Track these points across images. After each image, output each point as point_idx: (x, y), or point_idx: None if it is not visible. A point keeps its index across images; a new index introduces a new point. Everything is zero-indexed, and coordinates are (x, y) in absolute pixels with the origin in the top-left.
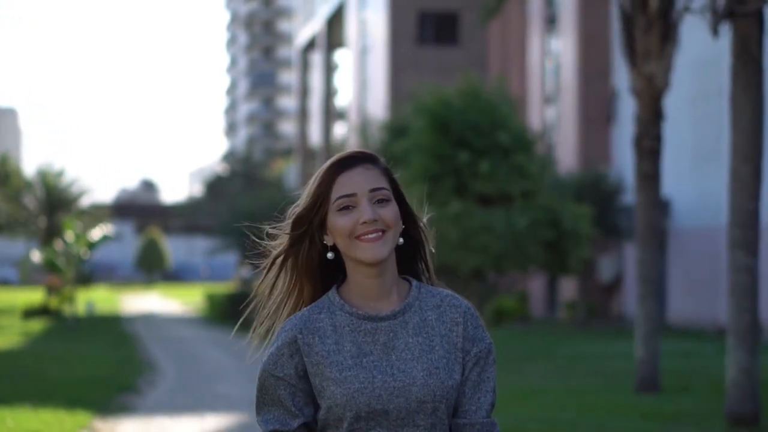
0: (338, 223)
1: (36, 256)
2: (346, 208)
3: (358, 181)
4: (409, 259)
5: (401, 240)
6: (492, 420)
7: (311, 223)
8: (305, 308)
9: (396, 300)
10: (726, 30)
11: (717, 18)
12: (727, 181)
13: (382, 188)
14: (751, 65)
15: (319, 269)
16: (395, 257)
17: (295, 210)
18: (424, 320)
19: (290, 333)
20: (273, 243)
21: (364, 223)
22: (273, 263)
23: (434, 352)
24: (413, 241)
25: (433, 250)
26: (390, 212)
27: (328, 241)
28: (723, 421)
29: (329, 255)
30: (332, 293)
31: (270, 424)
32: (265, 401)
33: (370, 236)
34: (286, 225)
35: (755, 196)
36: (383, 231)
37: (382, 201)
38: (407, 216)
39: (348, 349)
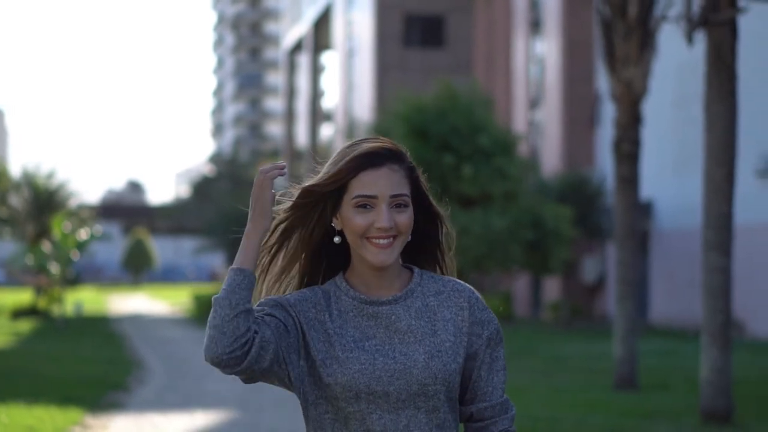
0: (354, 220)
1: (30, 259)
2: (363, 207)
3: (381, 184)
4: (418, 251)
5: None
6: (506, 398)
7: (322, 201)
8: (316, 287)
9: (398, 287)
10: (702, 38)
11: (692, 26)
12: (700, 184)
13: (403, 194)
14: (724, 72)
15: (324, 250)
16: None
17: (308, 182)
18: (426, 305)
19: (307, 296)
20: (280, 207)
21: (380, 228)
22: (276, 228)
23: (436, 335)
24: (427, 236)
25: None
26: (406, 219)
27: (336, 225)
28: (697, 418)
29: (336, 239)
30: (339, 278)
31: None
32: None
33: (381, 241)
34: (295, 191)
35: (728, 200)
36: (394, 237)
37: (399, 206)
38: (429, 215)
39: (351, 333)
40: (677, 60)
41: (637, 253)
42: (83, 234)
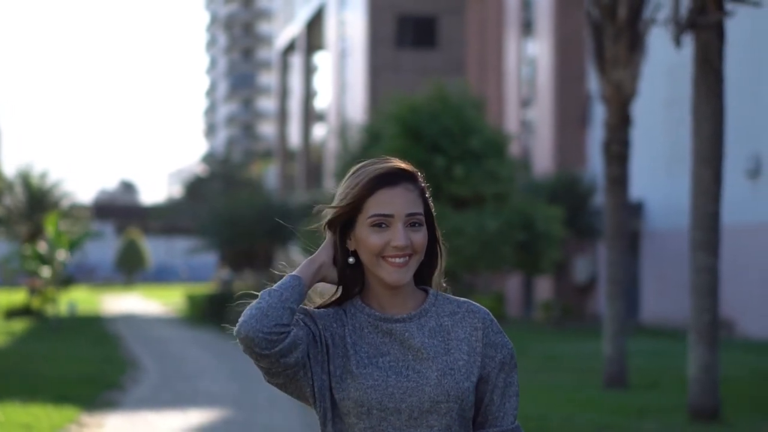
0: (370, 239)
1: (24, 259)
2: (378, 225)
3: (398, 203)
4: (424, 270)
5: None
6: (517, 424)
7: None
8: (336, 306)
9: (411, 306)
10: (690, 40)
11: (680, 29)
12: (689, 185)
13: (419, 213)
14: (711, 75)
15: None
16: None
17: (328, 211)
18: (441, 325)
19: (329, 311)
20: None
21: (396, 247)
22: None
23: (450, 354)
24: (430, 256)
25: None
26: (421, 238)
27: (350, 245)
28: (685, 415)
29: (350, 260)
30: (356, 297)
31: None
32: None
33: (397, 260)
34: (321, 225)
35: (716, 200)
36: (410, 255)
37: (414, 225)
38: (433, 236)
39: (365, 350)
40: (669, 61)
41: (626, 253)
42: (78, 229)
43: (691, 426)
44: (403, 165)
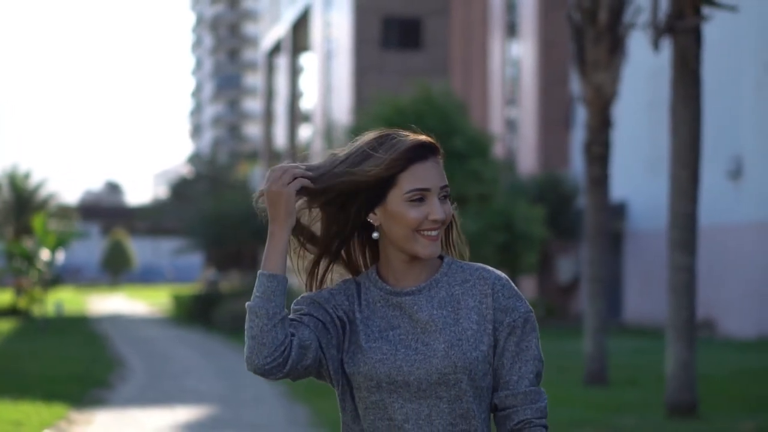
0: (410, 214)
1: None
2: (418, 200)
3: (432, 175)
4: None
5: None
6: (538, 389)
7: (357, 196)
8: (350, 279)
9: (425, 278)
10: (668, 44)
11: (658, 33)
12: (668, 186)
13: (447, 185)
14: (689, 78)
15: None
16: None
17: (345, 174)
18: (451, 295)
19: (341, 288)
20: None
21: (434, 221)
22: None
23: (458, 324)
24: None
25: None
26: (450, 209)
27: (374, 220)
28: (663, 411)
29: (375, 235)
30: (371, 270)
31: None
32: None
33: (432, 233)
34: (338, 182)
35: (693, 200)
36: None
37: (445, 197)
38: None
39: (377, 324)
40: (651, 64)
41: (607, 252)
42: (64, 232)
43: (668, 421)
44: (430, 137)
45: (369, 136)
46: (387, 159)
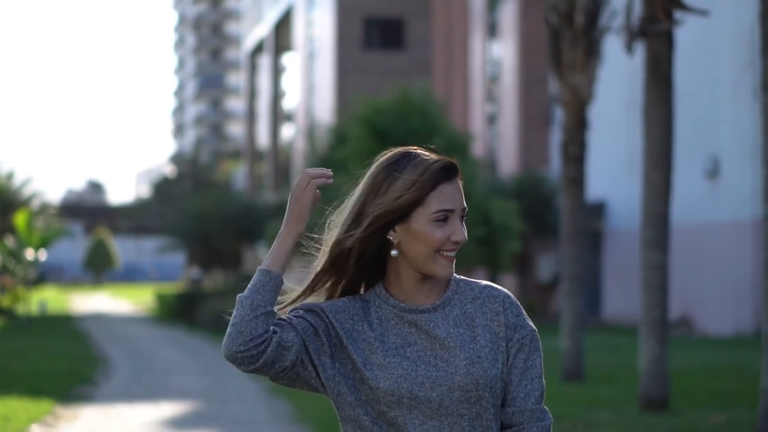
0: (434, 234)
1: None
2: (442, 221)
3: (457, 197)
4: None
5: None
6: (543, 407)
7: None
8: (356, 296)
9: (435, 295)
10: (642, 47)
11: (631, 36)
12: (641, 186)
13: (466, 208)
14: (661, 80)
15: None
16: None
17: (376, 208)
18: (465, 312)
19: (345, 306)
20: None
21: (456, 242)
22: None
23: (476, 342)
24: None
25: None
26: (466, 232)
27: (394, 237)
28: (637, 406)
29: (394, 253)
30: (379, 287)
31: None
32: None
33: (451, 254)
34: (373, 219)
35: (665, 200)
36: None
37: (463, 218)
38: None
39: (392, 341)
40: (629, 66)
41: (585, 251)
42: (48, 229)
43: (641, 416)
44: (452, 158)
45: (386, 158)
46: (418, 180)
